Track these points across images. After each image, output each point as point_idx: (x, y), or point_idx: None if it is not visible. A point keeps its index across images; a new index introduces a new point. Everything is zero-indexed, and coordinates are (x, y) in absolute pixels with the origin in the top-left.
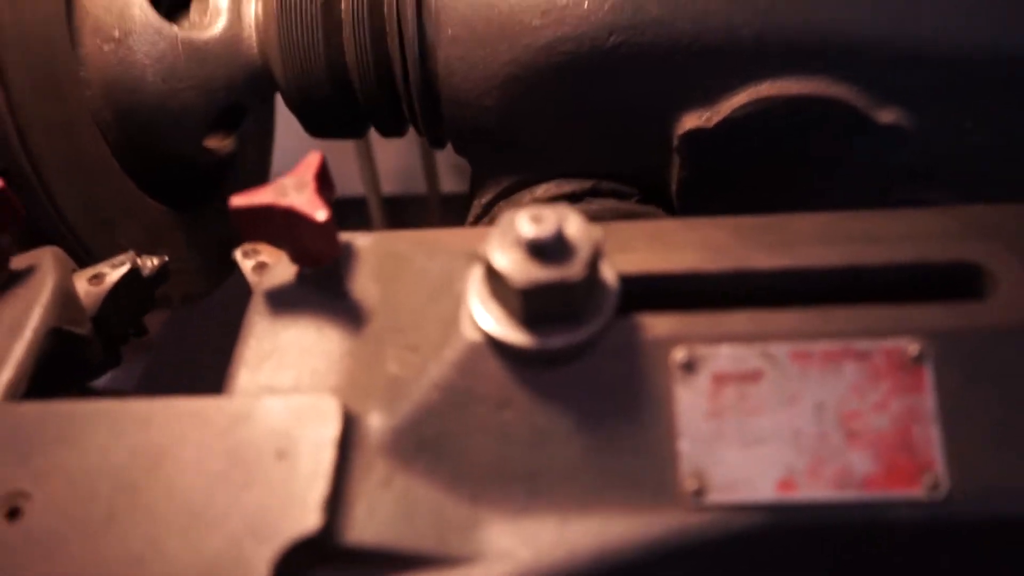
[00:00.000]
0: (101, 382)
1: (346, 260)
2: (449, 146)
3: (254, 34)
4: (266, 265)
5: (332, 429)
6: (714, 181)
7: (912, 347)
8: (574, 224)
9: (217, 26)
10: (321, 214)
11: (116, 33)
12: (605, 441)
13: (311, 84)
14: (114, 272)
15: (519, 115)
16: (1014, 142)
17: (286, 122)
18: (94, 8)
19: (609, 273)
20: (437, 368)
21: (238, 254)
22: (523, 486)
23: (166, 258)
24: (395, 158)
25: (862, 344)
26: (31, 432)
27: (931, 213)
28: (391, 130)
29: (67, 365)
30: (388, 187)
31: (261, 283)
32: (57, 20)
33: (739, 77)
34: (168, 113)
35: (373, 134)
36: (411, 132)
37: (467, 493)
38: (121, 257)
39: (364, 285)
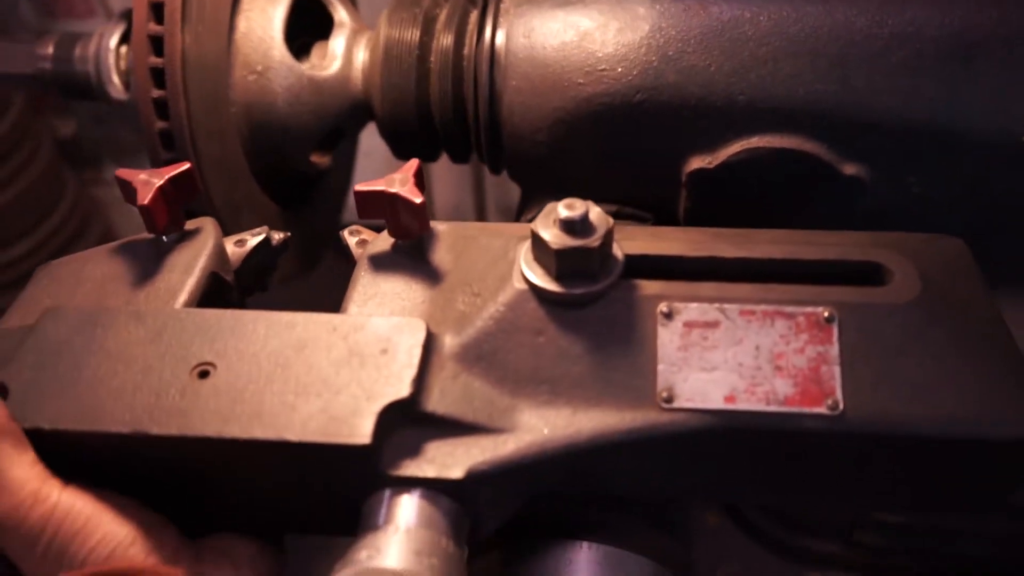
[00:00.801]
0: None
1: (430, 237)
2: (497, 185)
3: (360, 75)
4: (367, 242)
5: (420, 336)
6: (712, 211)
7: (825, 312)
8: (595, 211)
9: (333, 67)
10: (418, 199)
11: (259, 67)
12: (607, 361)
13: (402, 117)
14: (253, 239)
15: (562, 151)
16: (946, 194)
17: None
18: (244, 47)
19: (618, 249)
20: (493, 307)
21: (344, 233)
22: (548, 387)
23: (289, 234)
24: (450, 195)
25: (790, 308)
26: (212, 325)
27: (855, 233)
28: (460, 157)
29: (216, 302)
30: (442, 219)
31: (367, 249)
32: (222, 53)
33: (734, 131)
34: (289, 132)
35: (433, 175)
36: (466, 176)
37: (509, 388)
38: (258, 229)
39: (442, 254)
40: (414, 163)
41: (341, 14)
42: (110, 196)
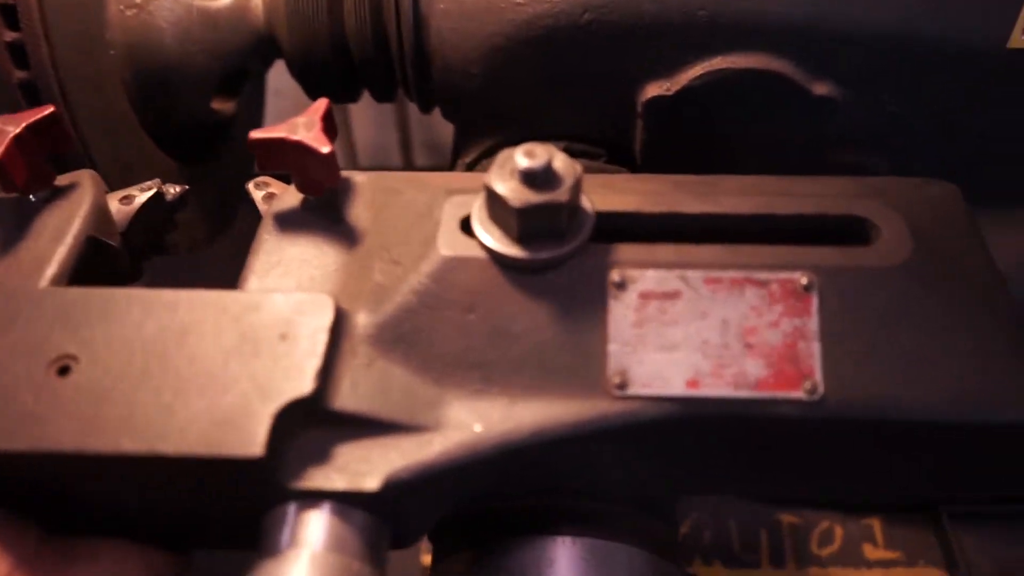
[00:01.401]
0: None
1: (344, 191)
2: (422, 125)
3: (261, 4)
4: (274, 196)
5: (326, 319)
6: (672, 143)
7: (803, 278)
8: (560, 158)
9: None
10: (325, 148)
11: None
12: (549, 341)
13: (313, 52)
14: (142, 195)
15: (501, 82)
16: (920, 114)
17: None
18: None
19: (587, 202)
20: (415, 277)
21: (250, 186)
22: (479, 373)
23: (187, 187)
24: (372, 134)
25: (762, 274)
26: (77, 309)
27: (836, 179)
28: (384, 95)
29: (99, 271)
30: (365, 161)
31: (271, 208)
32: None
33: (694, 52)
34: (182, 75)
35: (352, 113)
36: (388, 111)
37: (433, 377)
38: (148, 183)
39: (358, 212)
40: (322, 104)
41: None
42: None
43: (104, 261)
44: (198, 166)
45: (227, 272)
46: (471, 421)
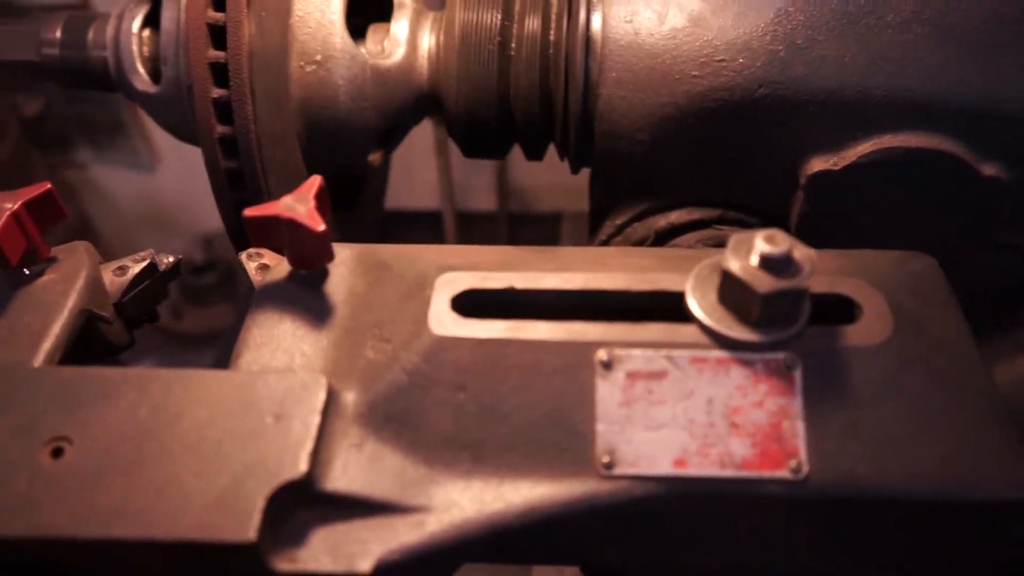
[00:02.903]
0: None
1: (336, 265)
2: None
3: (426, 63)
4: (268, 267)
5: (319, 399)
6: (832, 216)
7: (787, 358)
8: (799, 247)
9: (397, 54)
10: (320, 226)
11: (318, 57)
12: (538, 420)
13: (478, 111)
14: (135, 266)
15: (666, 150)
16: None
17: None
18: (301, 33)
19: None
20: (406, 356)
21: (243, 256)
22: (470, 453)
23: (180, 256)
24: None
25: (747, 354)
26: (71, 389)
27: (826, 254)
28: (535, 153)
29: (92, 342)
30: (461, 204)
31: (263, 281)
32: (283, 43)
33: (864, 129)
34: (351, 128)
35: (454, 155)
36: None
37: (424, 456)
38: (142, 254)
39: (349, 286)
40: (315, 181)
41: None
42: (81, 180)
43: (97, 332)
44: (342, 216)
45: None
46: (462, 501)
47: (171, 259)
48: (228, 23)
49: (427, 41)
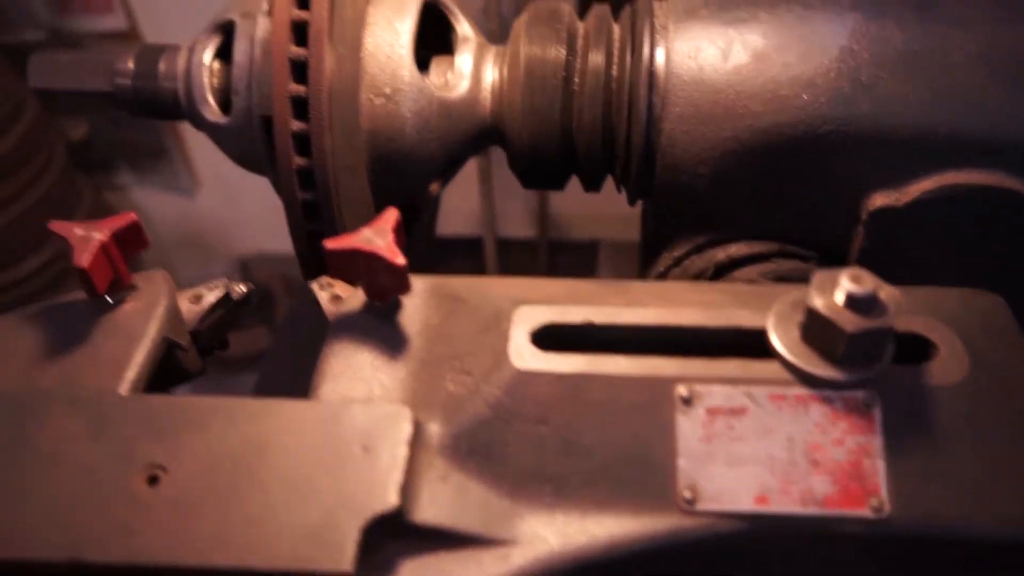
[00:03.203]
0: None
1: (410, 297)
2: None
3: (489, 96)
4: (340, 297)
5: (406, 431)
6: (891, 252)
7: (865, 396)
8: (884, 287)
9: (461, 87)
10: (400, 259)
11: (387, 90)
12: (620, 455)
13: (541, 145)
14: (210, 294)
15: (727, 184)
16: None
17: None
18: (371, 66)
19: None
20: (488, 389)
21: (315, 286)
22: (552, 486)
23: (252, 286)
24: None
25: (826, 392)
26: (162, 418)
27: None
28: (593, 185)
29: (168, 369)
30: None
31: (339, 312)
32: (356, 76)
33: (927, 166)
34: (416, 160)
35: (496, 184)
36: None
37: (507, 489)
38: (216, 282)
39: (424, 318)
40: (392, 214)
41: (464, 27)
42: (125, 202)
43: (175, 360)
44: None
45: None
46: (546, 535)
47: (243, 287)
48: (310, 59)
49: (490, 75)
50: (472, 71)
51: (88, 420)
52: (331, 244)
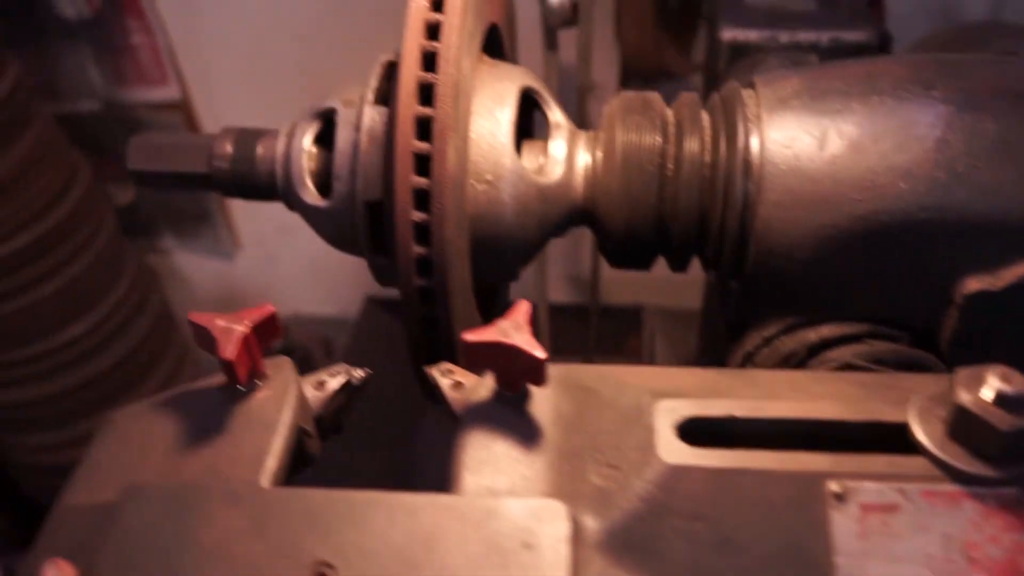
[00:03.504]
0: None
1: (539, 388)
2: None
3: (582, 181)
4: (462, 384)
5: (565, 528)
6: (985, 335)
7: (1019, 493)
8: None
9: (556, 173)
10: (540, 353)
11: (489, 176)
12: (776, 552)
13: (637, 228)
14: (333, 380)
15: (823, 267)
16: None
17: None
18: (475, 154)
19: None
20: (640, 484)
21: (436, 373)
22: None
23: (370, 371)
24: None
25: (979, 488)
26: (322, 513)
27: None
28: (681, 266)
29: (297, 459)
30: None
31: (469, 401)
32: (464, 167)
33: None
34: (512, 244)
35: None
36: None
37: None
38: (336, 367)
39: (555, 408)
40: (525, 307)
41: (556, 114)
42: (164, 265)
43: (302, 446)
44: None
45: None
46: None
47: (361, 373)
48: (435, 154)
49: (582, 159)
50: (566, 156)
51: (249, 515)
52: (471, 337)
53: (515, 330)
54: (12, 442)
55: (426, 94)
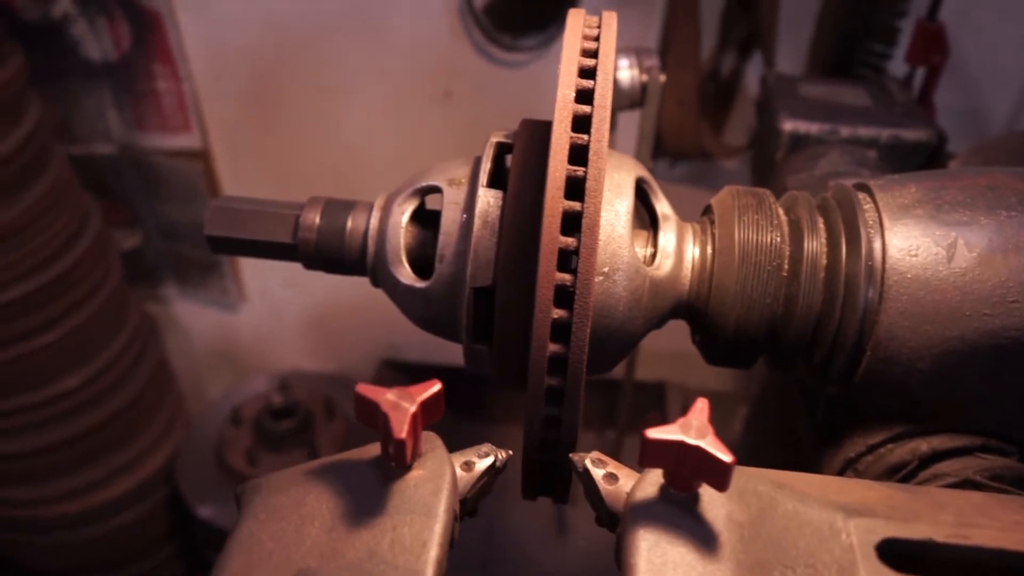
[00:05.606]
0: None
1: (708, 489)
2: None
3: (689, 275)
4: (615, 476)
5: None
6: None
7: None
8: None
9: (666, 266)
10: (727, 456)
11: (606, 269)
12: None
13: (750, 328)
14: (481, 461)
15: (943, 379)
16: None
17: None
18: None
19: None
20: None
21: (588, 463)
22: None
23: (511, 452)
24: None
25: None
26: None
27: None
28: (785, 366)
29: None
30: None
31: (633, 497)
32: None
33: None
34: (618, 337)
35: None
36: None
37: None
38: (484, 448)
39: (728, 514)
40: (705, 405)
41: (664, 206)
42: (163, 314)
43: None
44: None
45: None
46: None
47: (505, 454)
48: (582, 250)
49: (690, 253)
50: (675, 249)
51: None
52: (653, 434)
53: (699, 430)
54: None
55: (571, 186)
